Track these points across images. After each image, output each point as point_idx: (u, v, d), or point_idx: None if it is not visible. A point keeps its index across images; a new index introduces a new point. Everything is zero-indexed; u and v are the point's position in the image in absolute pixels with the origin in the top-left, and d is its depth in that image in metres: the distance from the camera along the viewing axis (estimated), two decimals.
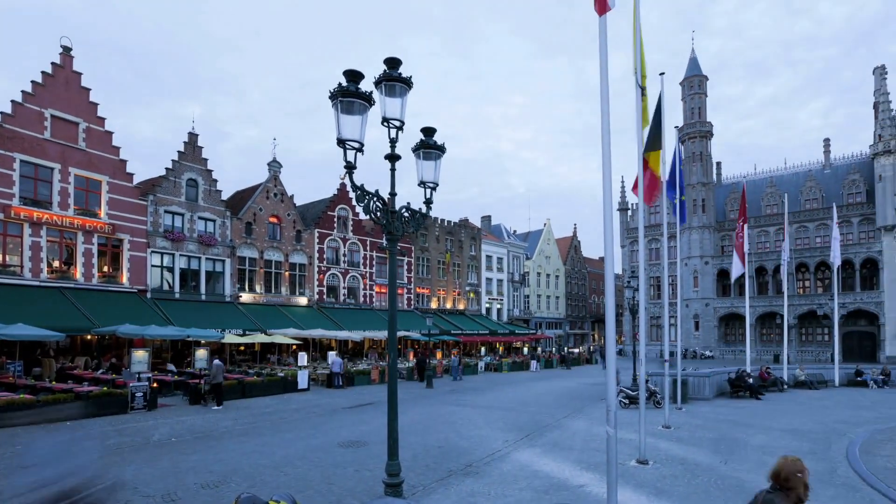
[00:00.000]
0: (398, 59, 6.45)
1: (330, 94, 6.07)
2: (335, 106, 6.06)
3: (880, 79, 47.70)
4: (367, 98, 6.14)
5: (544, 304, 65.13)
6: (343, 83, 6.08)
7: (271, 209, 35.21)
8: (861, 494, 8.52)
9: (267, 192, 35.16)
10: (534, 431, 13.88)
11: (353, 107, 6.08)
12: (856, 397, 21.72)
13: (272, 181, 35.47)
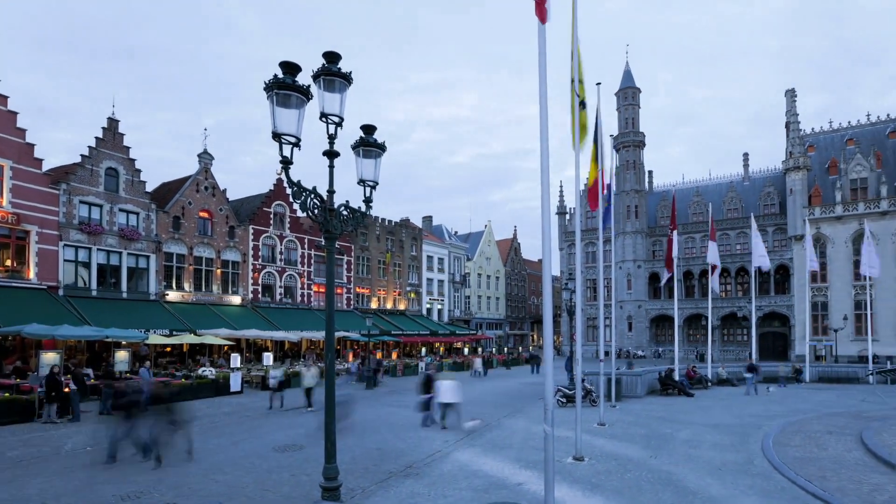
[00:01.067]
0: (337, 54, 6.29)
1: (265, 85, 5.83)
2: (270, 98, 5.82)
3: (791, 101, 51.80)
4: (305, 92, 5.93)
5: (485, 304, 65.96)
6: (279, 75, 5.85)
7: (202, 203, 33.47)
8: (774, 483, 9.12)
9: (197, 184, 33.37)
10: (473, 431, 13.94)
11: (289, 100, 5.86)
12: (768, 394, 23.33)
13: (203, 174, 33.70)
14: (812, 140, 51.88)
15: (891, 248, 43.90)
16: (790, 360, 43.13)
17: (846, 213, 45.77)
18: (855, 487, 8.72)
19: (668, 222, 56.77)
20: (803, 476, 9.32)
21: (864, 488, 8.66)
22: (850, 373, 29.85)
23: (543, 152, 6.66)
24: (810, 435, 13.10)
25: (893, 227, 43.93)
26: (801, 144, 49.25)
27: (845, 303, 45.54)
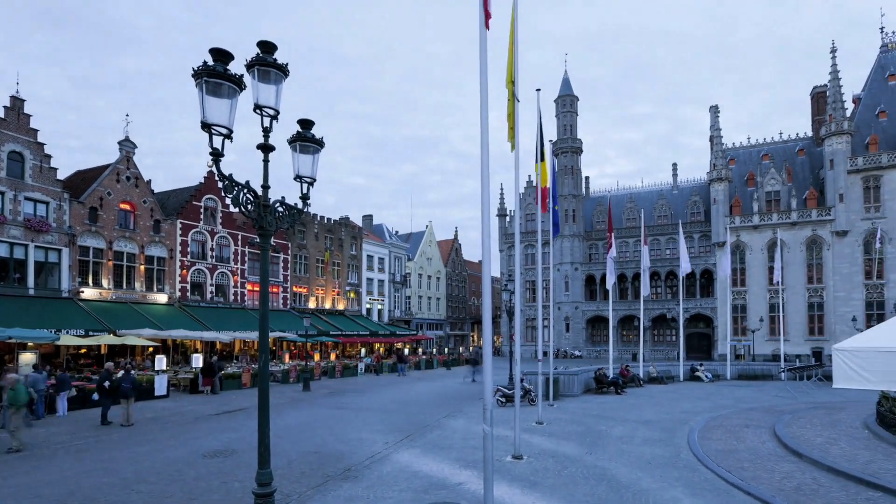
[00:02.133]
0: (273, 44, 6.03)
1: (194, 72, 5.48)
2: (200, 86, 5.48)
3: (714, 116, 55.33)
4: (238, 81, 5.63)
5: (425, 305, 65.99)
6: (209, 62, 5.52)
7: (123, 194, 31.23)
8: (698, 474, 9.62)
9: (117, 174, 31.04)
10: (414, 432, 13.84)
11: (220, 89, 5.55)
12: (695, 390, 24.71)
13: (124, 162, 31.42)
14: (733, 154, 55.53)
15: (800, 255, 47.73)
16: (714, 359, 45.96)
17: (762, 223, 49.35)
18: (768, 476, 9.36)
19: (604, 226, 59.14)
20: (724, 467, 9.88)
21: (775, 476, 9.31)
22: (766, 370, 32.10)
23: (484, 155, 6.75)
24: (730, 429, 13.94)
25: (802, 236, 47.80)
26: (724, 157, 52.66)
27: (761, 305, 49.06)
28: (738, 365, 33.54)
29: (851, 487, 8.63)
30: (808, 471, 9.69)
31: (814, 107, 55.16)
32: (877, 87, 48.98)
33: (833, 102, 46.64)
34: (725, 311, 38.73)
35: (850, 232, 45.70)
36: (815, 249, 47.48)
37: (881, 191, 45.05)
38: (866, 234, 45.01)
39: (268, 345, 6.46)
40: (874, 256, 44.33)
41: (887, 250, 44.11)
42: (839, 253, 46.22)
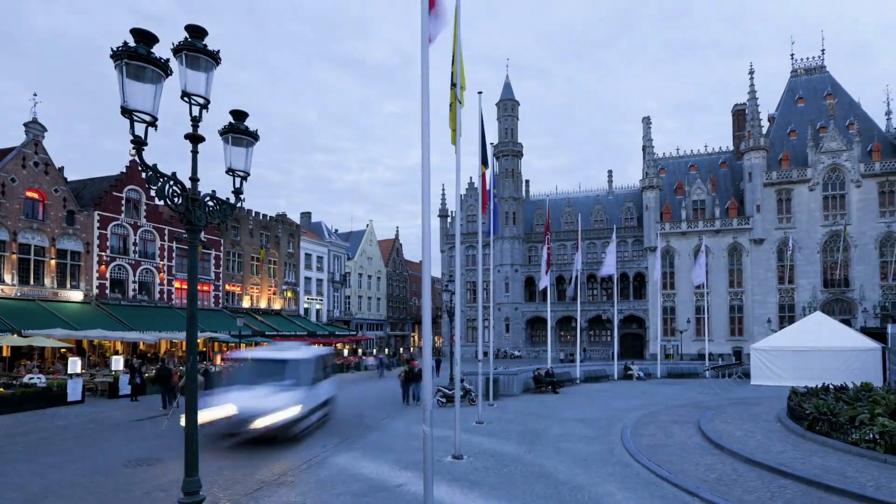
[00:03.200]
0: (203, 29, 5.69)
1: (112, 52, 5.07)
2: (119, 68, 5.07)
3: (647, 127, 58.15)
4: (164, 66, 5.26)
5: (365, 305, 65.13)
6: (131, 43, 5.13)
7: (29, 181, 28.43)
8: (631, 469, 10.00)
9: (23, 159, 28.27)
10: (353, 434, 13.56)
11: (143, 73, 5.17)
12: (628, 388, 25.77)
13: (31, 146, 28.76)
14: (663, 163, 58.52)
15: (723, 261, 50.99)
16: (646, 359, 48.16)
17: (689, 230, 52.33)
18: (694, 468, 9.87)
19: (543, 229, 60.58)
20: (654, 461, 10.33)
21: (700, 468, 9.83)
22: (692, 369, 34.05)
23: (425, 158, 6.72)
24: (660, 425, 14.61)
25: (724, 243, 51.09)
26: (655, 167, 55.42)
27: (688, 308, 51.99)
28: (667, 364, 35.34)
29: (766, 476, 9.25)
30: (729, 462, 10.29)
31: (734, 123, 59.09)
32: (788, 108, 53.18)
33: (751, 120, 50.19)
34: (656, 312, 40.75)
35: (766, 240, 49.30)
36: (736, 256, 50.88)
37: (792, 203, 48.93)
38: (779, 242, 48.72)
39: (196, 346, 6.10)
40: (786, 263, 48.15)
41: (797, 258, 47.99)
42: (756, 259, 49.78)
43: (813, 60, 54.10)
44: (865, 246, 46.72)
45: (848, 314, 45.65)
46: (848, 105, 51.03)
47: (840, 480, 8.59)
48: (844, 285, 47.23)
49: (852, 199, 47.32)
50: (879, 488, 8.14)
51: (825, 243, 47.94)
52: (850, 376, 18.84)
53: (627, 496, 8.34)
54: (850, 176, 47.28)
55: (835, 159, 47.66)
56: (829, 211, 48.00)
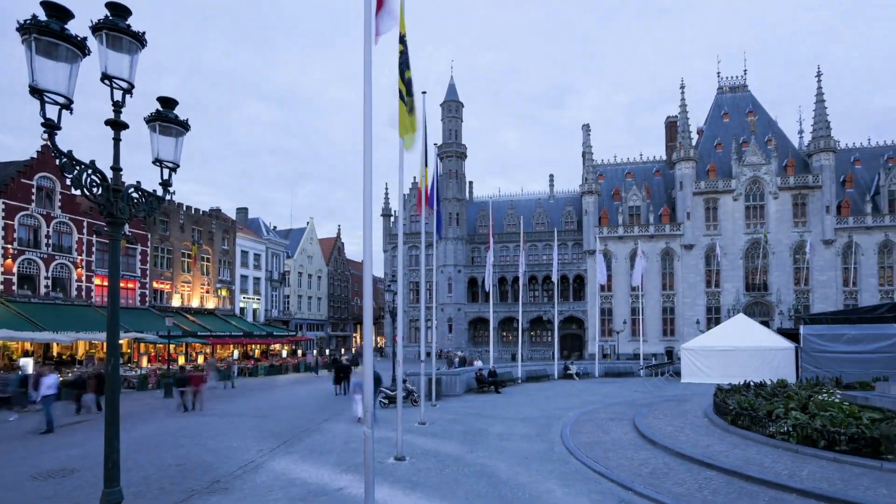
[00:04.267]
0: (125, 7, 5.31)
1: (19, 25, 4.63)
2: (27, 43, 4.63)
3: (586, 134, 60.13)
4: (80, 45, 4.86)
5: (305, 304, 63.51)
6: (41, 17, 4.71)
7: None
8: (570, 466, 10.22)
9: None
10: (291, 437, 13.11)
11: (56, 50, 4.75)
12: (567, 387, 26.39)
13: None
14: (602, 170, 60.71)
15: (656, 265, 53.49)
16: (584, 358, 49.69)
17: (626, 234, 54.57)
18: (628, 463, 10.23)
19: (486, 231, 61.31)
20: (592, 458, 10.62)
21: (634, 463, 10.20)
22: (628, 368, 35.38)
23: (367, 155, 6.61)
24: (598, 422, 15.05)
25: (658, 248, 53.66)
26: (594, 172, 57.42)
27: (624, 309, 54.16)
28: (604, 363, 36.58)
29: (694, 469, 9.72)
30: (661, 457, 10.74)
31: (667, 134, 62.17)
32: (715, 123, 56.64)
33: (682, 132, 53.08)
34: (595, 313, 42.19)
35: (695, 246, 52.21)
36: (668, 260, 53.57)
37: (718, 212, 52.13)
38: (707, 248, 51.82)
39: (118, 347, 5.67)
40: (713, 268, 51.32)
41: (722, 263, 51.19)
42: (686, 264, 52.63)
43: (737, 80, 57.98)
44: (782, 253, 50.55)
45: (767, 316, 49.13)
46: (767, 123, 54.95)
47: (759, 470, 9.17)
48: (764, 289, 50.85)
49: (770, 209, 51.00)
50: (792, 476, 8.76)
51: (747, 250, 51.44)
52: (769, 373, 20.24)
53: (566, 492, 8.51)
54: (768, 188, 50.95)
55: (755, 172, 51.18)
56: (751, 220, 51.52)
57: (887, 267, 49.57)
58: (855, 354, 20.79)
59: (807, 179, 50.43)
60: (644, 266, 37.46)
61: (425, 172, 14.21)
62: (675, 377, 28.38)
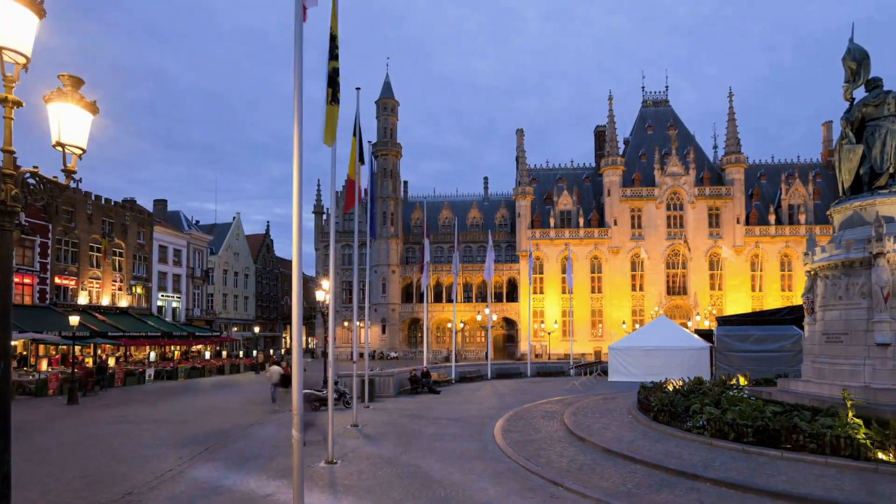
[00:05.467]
0: None
1: None
2: None
3: (520, 139, 61.66)
4: None
5: (231, 304, 60.69)
6: None
7: None
8: (503, 464, 10.35)
9: None
10: (215, 444, 12.40)
11: None
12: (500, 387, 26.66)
13: None
14: (535, 174, 62.43)
15: (586, 267, 55.76)
16: (517, 359, 50.79)
17: (557, 238, 56.48)
18: (558, 459, 10.51)
19: (421, 231, 61.27)
20: (524, 456, 10.80)
21: (564, 460, 10.48)
22: (559, 368, 36.49)
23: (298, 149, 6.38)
24: (530, 421, 15.36)
25: (587, 251, 55.96)
26: (527, 176, 59.00)
27: (556, 310, 56.00)
28: (536, 363, 37.51)
29: (620, 463, 10.13)
30: (589, 452, 11.10)
31: (596, 142, 64.93)
32: (640, 134, 59.90)
33: (610, 141, 55.75)
34: (527, 314, 43.25)
35: (621, 249, 54.90)
36: (597, 263, 56.01)
37: (642, 218, 55.14)
38: (632, 252, 54.65)
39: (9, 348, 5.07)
40: (638, 271, 54.21)
41: (646, 267, 54.19)
42: (613, 267, 55.24)
43: (659, 95, 61.67)
44: (699, 259, 54.25)
45: (686, 318, 52.53)
46: (686, 136, 58.76)
47: (677, 463, 9.70)
48: (683, 292, 54.36)
49: (689, 217, 54.59)
50: (706, 467, 9.34)
51: (668, 255, 54.73)
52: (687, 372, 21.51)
53: (499, 490, 8.59)
54: (687, 198, 54.50)
55: (675, 182, 54.59)
56: (672, 227, 54.90)
57: (787, 273, 54.50)
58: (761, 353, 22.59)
59: (720, 191, 54.46)
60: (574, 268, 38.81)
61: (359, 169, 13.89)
62: (603, 376, 29.48)
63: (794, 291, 51.47)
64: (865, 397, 11.20)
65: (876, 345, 11.84)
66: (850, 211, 13.29)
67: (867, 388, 11.66)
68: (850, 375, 12.21)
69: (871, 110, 13.25)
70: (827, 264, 13.17)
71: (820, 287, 13.55)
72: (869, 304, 12.05)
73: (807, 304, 14.09)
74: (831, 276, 13.14)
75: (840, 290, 12.84)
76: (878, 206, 12.64)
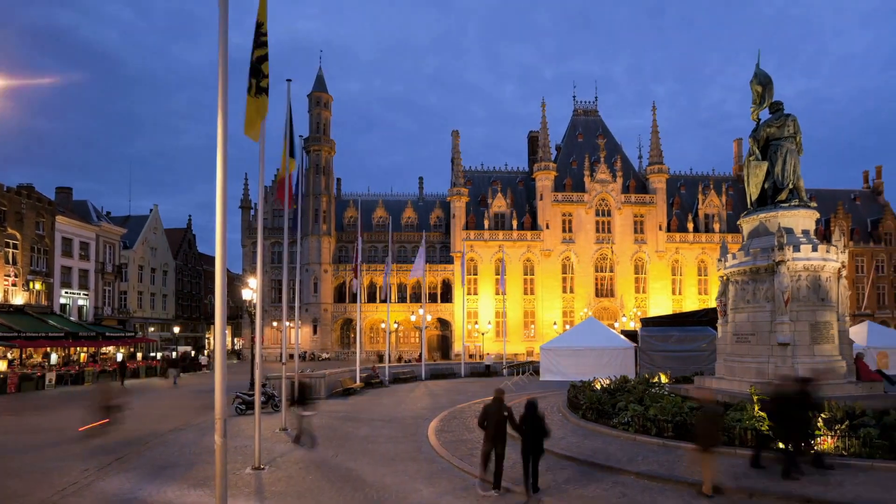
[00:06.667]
0: None
1: None
2: None
3: (455, 140, 62.15)
4: None
5: (148, 302, 56.72)
6: None
7: None
8: (437, 465, 10.33)
9: None
10: (128, 452, 11.49)
11: None
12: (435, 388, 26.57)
13: None
14: (470, 176, 63.04)
15: (519, 269, 57.05)
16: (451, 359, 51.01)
17: (491, 239, 57.40)
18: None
19: (355, 229, 60.23)
20: (457, 455, 10.85)
21: None
22: (492, 368, 36.92)
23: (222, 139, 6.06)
24: (463, 421, 15.44)
25: (520, 254, 57.25)
26: (463, 178, 59.59)
27: (489, 311, 56.88)
28: (471, 364, 37.85)
29: (551, 460, 10.36)
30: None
31: (530, 147, 66.59)
32: (571, 142, 62.18)
33: (543, 147, 57.47)
34: (461, 315, 43.61)
35: (553, 252, 56.68)
36: (530, 265, 57.49)
37: (573, 222, 57.26)
38: (563, 255, 56.60)
39: None
40: (569, 274, 56.21)
41: (576, 269, 56.34)
42: (545, 269, 56.94)
43: (589, 104, 64.36)
44: (625, 263, 57.11)
45: (613, 319, 54.94)
46: (614, 146, 61.59)
47: (604, 458, 10.10)
48: (611, 295, 56.97)
49: (616, 223, 57.32)
50: (631, 461, 9.80)
51: (597, 259, 57.21)
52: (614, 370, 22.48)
53: (433, 490, 8.57)
54: (615, 204, 57.21)
55: (604, 189, 57.15)
56: (600, 232, 57.44)
57: (704, 278, 58.57)
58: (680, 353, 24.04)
59: (645, 199, 57.62)
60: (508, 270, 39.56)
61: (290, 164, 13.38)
62: (535, 375, 30.16)
63: (710, 295, 55.30)
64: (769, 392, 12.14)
65: (778, 344, 12.89)
66: (757, 222, 14.41)
67: (771, 383, 12.67)
68: (757, 372, 13.20)
69: (774, 131, 14.49)
70: (737, 270, 14.19)
71: (731, 291, 14.55)
72: (772, 308, 13.08)
73: (720, 307, 15.12)
74: (741, 281, 14.17)
75: (748, 294, 13.87)
76: (780, 218, 13.79)
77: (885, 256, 60.01)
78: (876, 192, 65.06)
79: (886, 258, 60.06)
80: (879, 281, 59.34)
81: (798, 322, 12.93)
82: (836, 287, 13.50)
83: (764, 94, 14.96)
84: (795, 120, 14.36)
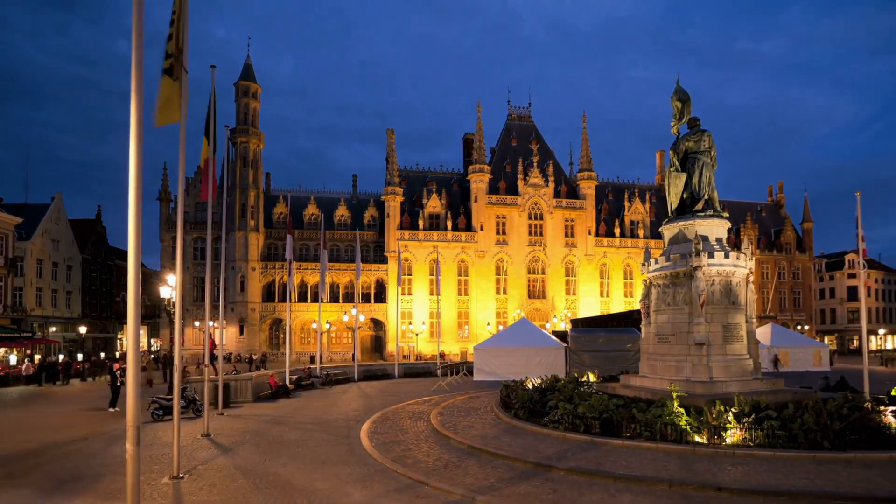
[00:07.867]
0: None
1: None
2: None
3: (390, 138, 61.74)
4: None
5: (49, 300, 51.81)
6: None
7: None
8: (370, 467, 10.13)
9: None
10: (23, 466, 10.41)
11: None
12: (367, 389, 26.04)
13: None
14: (405, 175, 62.80)
15: (453, 270, 57.42)
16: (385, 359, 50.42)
17: (425, 240, 57.40)
18: (425, 458, 10.58)
19: (285, 226, 58.25)
20: (391, 457, 10.69)
21: (430, 459, 10.59)
22: (427, 368, 36.78)
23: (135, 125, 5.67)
24: (397, 422, 15.25)
25: (454, 254, 57.66)
26: (398, 177, 59.26)
27: (424, 311, 56.81)
28: (405, 364, 37.60)
29: (484, 459, 10.49)
30: (455, 451, 11.33)
31: (464, 149, 67.29)
32: (505, 145, 63.53)
33: (477, 149, 58.29)
34: (395, 315, 43.22)
35: (487, 253, 57.55)
36: (464, 266, 58.05)
37: (507, 224, 58.47)
38: (497, 257, 57.63)
39: None
40: (502, 275, 57.27)
41: (509, 271, 57.52)
42: (479, 270, 57.70)
43: (523, 110, 66.09)
44: (556, 265, 59.01)
45: (545, 320, 56.53)
46: (546, 151, 63.49)
47: (535, 456, 10.33)
48: (543, 296, 58.64)
49: (548, 226, 59.12)
50: (561, 458, 10.08)
51: (529, 261, 58.69)
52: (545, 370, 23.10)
53: (365, 494, 8.39)
54: (546, 208, 59.00)
55: (536, 193, 58.79)
56: (533, 235, 59.00)
57: (629, 281, 61.61)
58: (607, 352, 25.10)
59: (575, 204, 59.85)
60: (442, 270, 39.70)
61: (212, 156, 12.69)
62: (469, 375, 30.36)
63: (635, 297, 58.28)
64: (687, 389, 12.88)
65: (694, 344, 13.73)
66: (677, 229, 15.31)
67: (688, 381, 13.46)
68: (676, 371, 14.00)
69: (692, 145, 15.50)
70: (659, 274, 14.99)
71: (653, 294, 15.35)
72: (690, 310, 13.92)
73: (644, 309, 15.89)
74: (662, 284, 14.98)
75: (669, 297, 14.68)
76: (696, 226, 14.72)
77: (786, 264, 66.12)
78: (778, 205, 71.37)
79: (787, 265, 66.19)
80: (781, 286, 65.25)
81: (712, 323, 13.83)
82: (745, 291, 14.56)
83: (683, 109, 15.92)
84: (711, 135, 15.43)
